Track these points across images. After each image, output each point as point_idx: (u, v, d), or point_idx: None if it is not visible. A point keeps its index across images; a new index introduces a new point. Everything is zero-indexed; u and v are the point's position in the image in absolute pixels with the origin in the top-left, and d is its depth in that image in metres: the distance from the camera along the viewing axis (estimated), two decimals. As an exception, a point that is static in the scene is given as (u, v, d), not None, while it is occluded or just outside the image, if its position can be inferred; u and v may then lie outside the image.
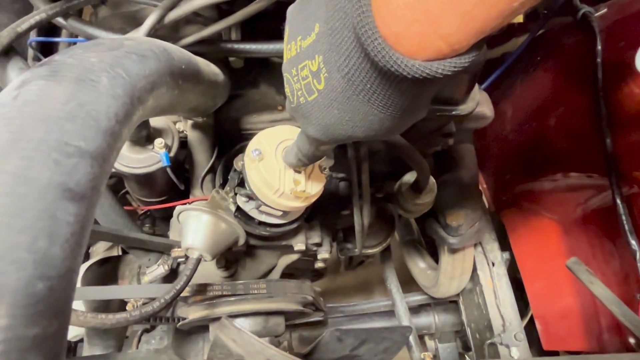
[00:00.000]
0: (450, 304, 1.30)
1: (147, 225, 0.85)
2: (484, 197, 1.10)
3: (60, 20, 0.63)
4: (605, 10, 0.85)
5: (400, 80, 0.32)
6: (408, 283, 1.36)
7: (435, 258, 1.17)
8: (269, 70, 0.81)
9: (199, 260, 0.63)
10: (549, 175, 0.93)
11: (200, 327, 0.91)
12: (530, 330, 1.05)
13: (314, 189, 0.61)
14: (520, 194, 1.06)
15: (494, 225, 1.11)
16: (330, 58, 0.35)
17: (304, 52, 0.39)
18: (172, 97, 0.48)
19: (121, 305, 0.96)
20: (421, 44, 0.28)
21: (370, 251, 1.01)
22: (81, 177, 0.27)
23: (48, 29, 0.74)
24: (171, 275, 0.79)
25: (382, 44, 0.29)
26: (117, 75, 0.34)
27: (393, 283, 1.23)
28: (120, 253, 1.02)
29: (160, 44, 0.46)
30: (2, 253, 0.23)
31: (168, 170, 0.68)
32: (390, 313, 1.25)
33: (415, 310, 1.29)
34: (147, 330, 1.01)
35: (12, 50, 0.58)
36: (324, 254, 0.82)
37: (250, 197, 0.64)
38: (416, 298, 1.30)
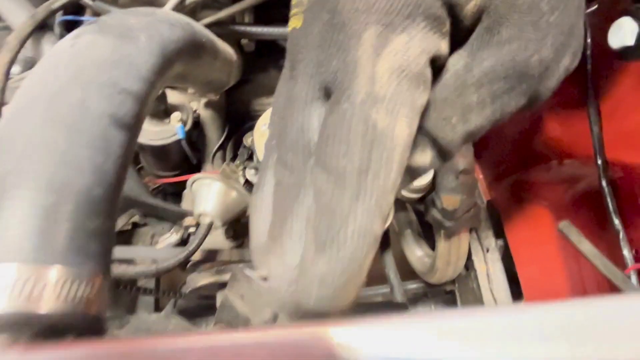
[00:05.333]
0: (447, 294, 1.34)
1: (159, 199, 0.89)
2: (480, 186, 1.14)
3: (87, 1, 0.68)
4: (595, 7, 0.89)
5: None
6: (406, 278, 1.40)
7: (432, 247, 1.22)
8: (278, 56, 0.86)
9: (210, 226, 0.68)
10: (542, 164, 0.98)
11: (204, 310, 0.95)
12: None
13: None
14: (515, 183, 1.10)
15: (489, 214, 1.16)
16: None
17: None
18: (193, 66, 0.53)
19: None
20: None
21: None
22: (127, 112, 0.32)
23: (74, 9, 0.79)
24: (183, 245, 0.84)
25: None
26: (153, 35, 0.39)
27: (391, 269, 1.27)
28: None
29: (185, 17, 0.51)
30: (70, 162, 0.28)
31: (183, 143, 0.73)
32: (388, 304, 1.30)
33: (412, 301, 1.33)
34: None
35: (46, 26, 0.63)
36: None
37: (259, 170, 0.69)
38: (413, 286, 1.35)
